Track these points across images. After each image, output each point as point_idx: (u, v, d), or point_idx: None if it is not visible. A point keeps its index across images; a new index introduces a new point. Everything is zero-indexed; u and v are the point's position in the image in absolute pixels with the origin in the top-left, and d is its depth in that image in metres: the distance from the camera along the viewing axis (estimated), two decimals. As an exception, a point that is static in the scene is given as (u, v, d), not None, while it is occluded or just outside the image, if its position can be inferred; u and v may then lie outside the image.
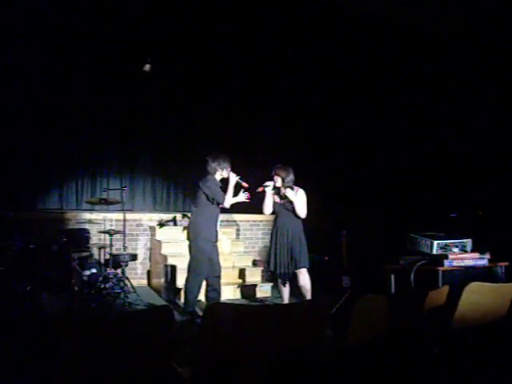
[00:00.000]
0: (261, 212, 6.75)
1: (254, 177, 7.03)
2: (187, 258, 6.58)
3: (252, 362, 2.85)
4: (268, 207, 6.68)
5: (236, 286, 8.04)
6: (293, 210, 6.51)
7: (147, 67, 9.43)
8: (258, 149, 10.29)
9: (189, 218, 6.95)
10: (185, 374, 2.86)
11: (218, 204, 6.46)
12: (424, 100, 9.07)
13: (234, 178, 6.51)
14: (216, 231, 6.58)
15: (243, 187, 6.58)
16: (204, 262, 6.36)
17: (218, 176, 6.52)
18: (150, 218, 9.15)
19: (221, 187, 6.55)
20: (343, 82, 10.09)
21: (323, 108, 10.48)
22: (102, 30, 8.83)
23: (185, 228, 7.86)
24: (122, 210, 7.62)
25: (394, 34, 8.76)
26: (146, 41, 9.21)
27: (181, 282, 7.13)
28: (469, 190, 8.23)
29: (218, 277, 6.53)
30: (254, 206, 7.11)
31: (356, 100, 10.17)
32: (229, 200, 6.47)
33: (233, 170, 6.61)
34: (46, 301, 6.15)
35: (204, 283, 6.49)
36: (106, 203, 7.61)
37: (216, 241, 6.57)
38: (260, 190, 6.62)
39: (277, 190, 6.64)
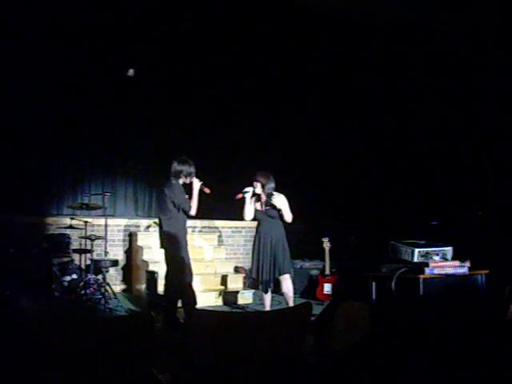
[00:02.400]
0: (243, 218, 6.73)
1: (237, 184, 6.97)
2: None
3: (234, 369, 2.85)
4: (248, 214, 6.63)
5: (218, 292, 8.01)
6: (275, 217, 6.51)
7: (131, 72, 9.40)
8: (241, 155, 10.28)
9: (157, 224, 6.80)
10: (165, 381, 2.84)
11: (184, 211, 6.38)
12: (408, 108, 9.15)
13: (197, 184, 6.41)
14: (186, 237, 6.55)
15: (205, 193, 6.47)
16: (185, 269, 6.33)
17: (181, 181, 6.41)
18: (132, 223, 9.11)
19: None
20: (331, 85, 10.15)
21: (309, 115, 10.53)
22: (85, 34, 8.79)
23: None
24: (104, 216, 7.58)
25: (387, 38, 8.82)
26: (129, 46, 9.19)
27: (161, 288, 7.10)
28: (452, 198, 8.31)
29: (191, 281, 6.49)
30: (236, 212, 7.09)
31: (338, 110, 10.24)
32: (195, 207, 6.37)
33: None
34: (25, 306, 6.09)
35: None
36: (87, 208, 7.56)
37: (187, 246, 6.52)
38: (239, 196, 6.55)
39: (257, 197, 6.61)
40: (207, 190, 6.46)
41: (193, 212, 6.38)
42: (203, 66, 9.85)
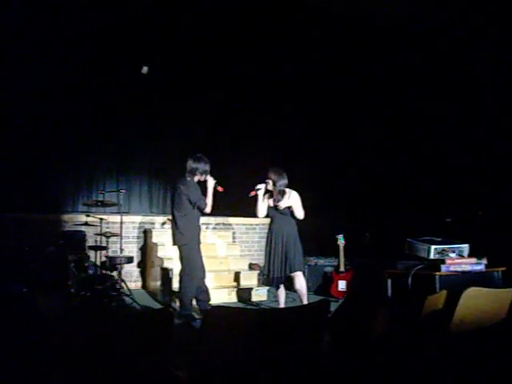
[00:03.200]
0: (256, 215, 6.73)
1: (252, 181, 6.96)
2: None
3: (251, 365, 2.85)
4: (261, 211, 6.62)
5: (230, 289, 8.02)
6: (287, 214, 6.50)
7: (145, 70, 9.42)
8: (254, 151, 10.28)
9: (171, 220, 6.82)
10: (182, 377, 2.85)
11: (199, 209, 6.41)
12: (422, 102, 9.10)
13: (212, 182, 6.44)
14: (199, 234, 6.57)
15: (218, 191, 6.49)
16: (198, 265, 6.37)
17: (196, 178, 6.44)
18: (146, 220, 9.13)
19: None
20: (338, 82, 10.13)
21: (321, 111, 10.51)
22: (100, 31, 8.84)
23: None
24: (119, 213, 7.60)
25: (388, 36, 8.81)
26: (143, 44, 9.22)
27: (176, 284, 7.11)
28: (467, 195, 8.27)
29: (204, 278, 6.52)
30: (250, 209, 7.08)
31: (353, 103, 10.20)
32: (210, 205, 6.42)
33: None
34: (41, 302, 6.13)
35: None
36: (102, 205, 7.59)
37: (200, 243, 6.55)
38: (252, 194, 6.55)
39: (270, 194, 6.61)
40: (220, 189, 6.49)
41: (208, 209, 6.42)
42: (218, 65, 9.88)
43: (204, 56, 9.77)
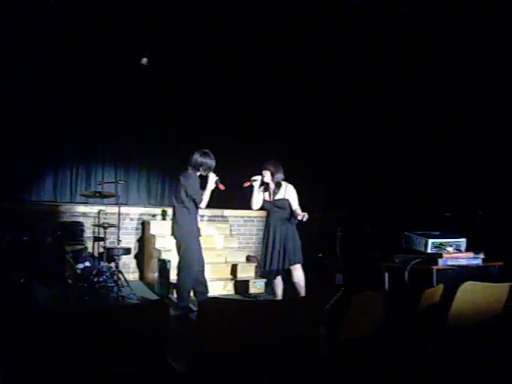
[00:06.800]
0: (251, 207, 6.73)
1: (249, 172, 6.95)
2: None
3: (247, 356, 2.85)
4: (256, 203, 6.63)
5: (228, 281, 8.03)
6: (284, 207, 6.47)
7: (144, 61, 9.40)
8: (252, 145, 10.26)
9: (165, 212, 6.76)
10: (179, 369, 2.85)
11: (194, 202, 6.40)
12: (423, 98, 9.09)
13: (213, 179, 6.41)
14: (198, 226, 6.56)
15: (219, 189, 6.45)
16: (195, 258, 6.36)
17: (199, 173, 6.43)
18: (144, 212, 9.13)
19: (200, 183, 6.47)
20: (341, 76, 10.10)
21: (320, 106, 10.48)
22: (99, 21, 8.82)
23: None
24: (117, 204, 7.60)
25: (393, 30, 8.78)
26: (143, 34, 9.18)
27: (174, 276, 7.12)
28: (466, 190, 8.26)
29: (203, 270, 6.52)
30: (247, 201, 7.07)
31: (353, 98, 10.18)
32: (206, 201, 6.40)
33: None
34: (39, 293, 6.13)
35: None
36: (100, 196, 7.58)
37: (199, 236, 6.55)
38: (246, 184, 6.54)
39: (266, 186, 6.61)
40: (222, 187, 6.43)
41: (202, 205, 6.41)
42: (217, 56, 9.85)
43: (205, 49, 9.73)
